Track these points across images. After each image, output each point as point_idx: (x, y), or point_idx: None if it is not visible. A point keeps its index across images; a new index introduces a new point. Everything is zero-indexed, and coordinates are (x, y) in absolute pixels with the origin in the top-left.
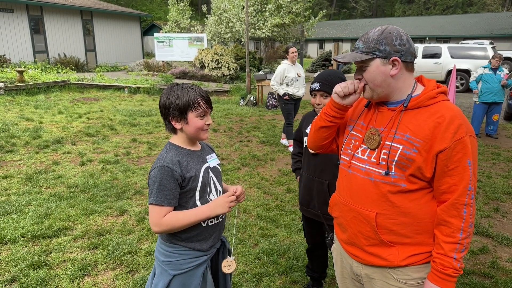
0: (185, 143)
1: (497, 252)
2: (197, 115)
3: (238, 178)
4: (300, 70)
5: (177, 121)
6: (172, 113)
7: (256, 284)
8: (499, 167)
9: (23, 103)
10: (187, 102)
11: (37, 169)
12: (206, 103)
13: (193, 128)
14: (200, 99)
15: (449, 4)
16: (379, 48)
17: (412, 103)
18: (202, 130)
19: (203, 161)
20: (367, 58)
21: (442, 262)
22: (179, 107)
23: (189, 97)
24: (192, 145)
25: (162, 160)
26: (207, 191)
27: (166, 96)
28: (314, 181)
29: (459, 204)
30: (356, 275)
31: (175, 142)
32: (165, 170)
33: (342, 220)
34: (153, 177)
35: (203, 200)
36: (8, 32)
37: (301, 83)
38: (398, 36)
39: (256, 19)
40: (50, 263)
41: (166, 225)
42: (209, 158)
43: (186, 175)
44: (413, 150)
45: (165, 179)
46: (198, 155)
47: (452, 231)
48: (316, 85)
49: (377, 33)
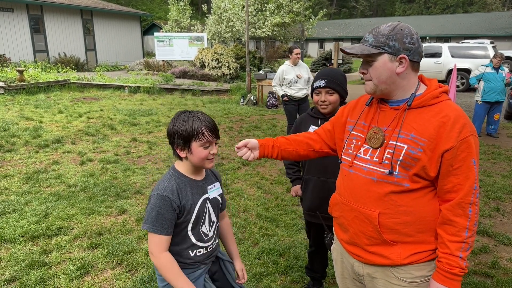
0: (189, 171)
1: (498, 252)
2: (201, 145)
3: (238, 177)
4: (303, 71)
5: (182, 150)
6: (177, 142)
7: (256, 283)
8: (499, 167)
9: (23, 103)
10: (191, 132)
11: (37, 169)
12: (211, 133)
13: (197, 158)
14: (205, 128)
15: (450, 4)
16: (389, 44)
17: (415, 102)
18: (206, 159)
19: (203, 192)
20: (375, 52)
21: (448, 262)
22: (183, 136)
23: (193, 126)
24: (196, 174)
25: (162, 189)
26: (200, 223)
27: (172, 124)
28: (327, 183)
29: (464, 203)
30: (357, 274)
31: (179, 168)
32: (164, 200)
33: (343, 220)
34: (152, 204)
35: (195, 232)
36: (8, 31)
37: (303, 84)
38: (409, 34)
39: (256, 18)
40: (49, 262)
41: (160, 263)
42: (211, 188)
43: (183, 206)
44: (418, 149)
45: (164, 208)
46: (200, 185)
47: (458, 230)
48: (321, 82)
49: (388, 28)
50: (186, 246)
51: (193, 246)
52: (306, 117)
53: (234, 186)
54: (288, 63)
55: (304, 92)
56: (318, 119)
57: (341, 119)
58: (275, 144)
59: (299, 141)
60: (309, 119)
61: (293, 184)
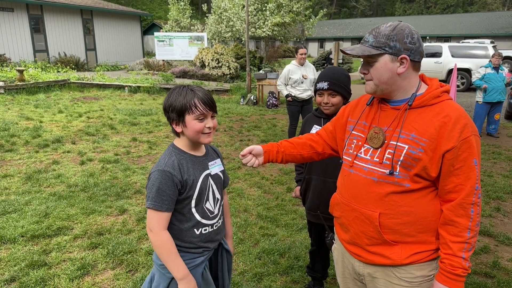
0: (187, 147)
1: (498, 252)
2: (195, 117)
3: (239, 177)
4: (309, 72)
5: (177, 124)
6: (171, 116)
7: (257, 283)
8: (500, 166)
9: (23, 102)
10: (183, 105)
11: (37, 168)
12: (205, 105)
13: (191, 132)
14: (198, 100)
15: (450, 3)
16: (390, 44)
17: (416, 102)
18: (202, 133)
19: (204, 167)
20: (376, 53)
21: (451, 263)
22: (177, 109)
23: (186, 99)
24: (195, 150)
25: (163, 164)
26: (204, 199)
27: (167, 98)
28: (327, 183)
29: (466, 204)
30: (358, 274)
31: (178, 145)
32: (165, 175)
33: (344, 220)
34: (153, 181)
35: (199, 208)
36: (8, 31)
37: (308, 85)
38: (410, 34)
39: (256, 18)
40: (49, 262)
41: (158, 240)
42: (212, 164)
43: (185, 181)
44: (419, 149)
45: (165, 183)
46: (200, 161)
47: (460, 231)
48: (324, 84)
49: (388, 28)
50: (191, 225)
51: (198, 224)
52: (310, 117)
53: (234, 186)
54: (295, 62)
55: (309, 94)
56: (321, 119)
57: (342, 119)
58: (279, 149)
59: (302, 144)
60: (313, 119)
61: (297, 185)
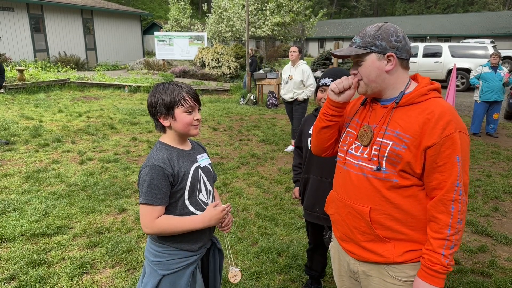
0: (175, 141)
1: (496, 251)
2: (184, 110)
3: (238, 177)
4: (297, 73)
5: (165, 118)
6: (159, 110)
7: (255, 282)
8: (499, 166)
9: (23, 102)
10: (173, 98)
11: (36, 168)
12: (193, 98)
13: (181, 124)
14: (186, 94)
15: (450, 3)
16: (375, 43)
17: (403, 100)
18: (191, 125)
19: (193, 160)
20: (363, 52)
21: (430, 258)
22: (165, 103)
23: (174, 93)
24: (182, 144)
25: (152, 159)
26: (196, 191)
27: (152, 94)
28: (322, 183)
29: (446, 200)
30: (353, 272)
31: (165, 141)
32: (156, 169)
33: (338, 217)
34: (144, 176)
35: (192, 200)
36: (8, 30)
37: (292, 87)
38: (395, 33)
39: (256, 17)
40: (49, 261)
41: (157, 228)
42: (200, 157)
43: (177, 173)
44: (402, 146)
45: (156, 178)
46: (188, 154)
47: (440, 227)
48: (328, 80)
49: (374, 28)
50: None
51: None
52: (309, 117)
53: (233, 185)
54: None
55: (290, 96)
56: None
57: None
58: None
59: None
60: (312, 119)
61: (295, 186)
